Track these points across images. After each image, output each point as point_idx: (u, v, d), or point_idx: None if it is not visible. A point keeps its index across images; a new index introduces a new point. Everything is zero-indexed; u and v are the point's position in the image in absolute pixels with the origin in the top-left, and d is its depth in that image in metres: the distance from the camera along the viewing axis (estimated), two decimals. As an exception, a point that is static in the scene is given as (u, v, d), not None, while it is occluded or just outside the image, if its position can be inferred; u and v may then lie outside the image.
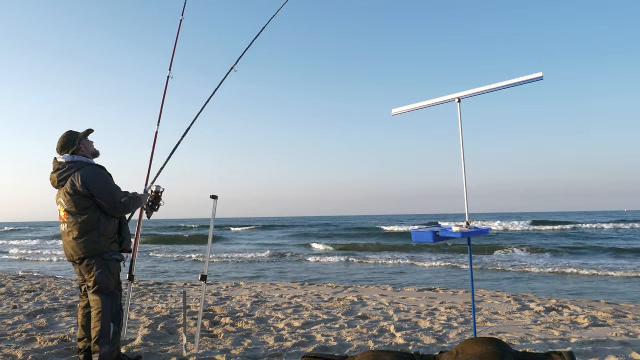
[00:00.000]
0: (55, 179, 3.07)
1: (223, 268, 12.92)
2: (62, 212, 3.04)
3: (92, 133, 3.23)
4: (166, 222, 78.20)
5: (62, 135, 3.13)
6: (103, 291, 3.01)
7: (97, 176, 3.03)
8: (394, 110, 3.89)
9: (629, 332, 4.24)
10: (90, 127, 3.22)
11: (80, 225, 2.98)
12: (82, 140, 3.15)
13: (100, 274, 3.00)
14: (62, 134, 3.13)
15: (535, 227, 31.33)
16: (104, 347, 2.93)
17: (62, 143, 3.10)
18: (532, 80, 3.23)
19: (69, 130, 3.16)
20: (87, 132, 3.20)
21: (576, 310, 5.43)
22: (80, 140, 3.13)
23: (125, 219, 3.33)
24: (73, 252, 3.02)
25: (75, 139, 3.11)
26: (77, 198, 2.97)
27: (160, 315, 5.05)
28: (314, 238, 27.30)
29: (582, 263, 11.94)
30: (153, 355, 3.47)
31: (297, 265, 13.36)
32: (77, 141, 3.11)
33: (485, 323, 4.75)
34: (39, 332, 4.29)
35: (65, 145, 3.10)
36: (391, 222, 47.14)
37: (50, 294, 6.90)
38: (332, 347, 3.71)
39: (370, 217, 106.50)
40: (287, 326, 4.57)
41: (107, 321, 2.97)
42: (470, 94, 3.49)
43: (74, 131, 3.16)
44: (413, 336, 4.12)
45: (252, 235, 33.18)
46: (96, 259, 3.01)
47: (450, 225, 3.24)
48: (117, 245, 3.15)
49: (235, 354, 3.48)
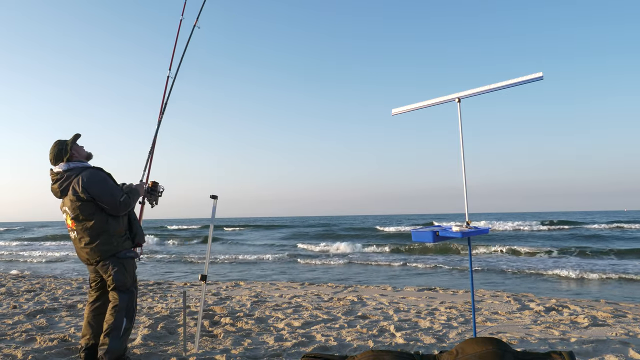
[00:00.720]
0: (57, 189, 3.08)
1: (223, 268, 12.91)
2: (69, 220, 3.07)
3: (80, 138, 3.23)
4: (166, 222, 78.21)
5: (52, 146, 3.12)
6: (120, 289, 3.07)
7: (97, 180, 3.03)
8: (394, 110, 3.89)
9: (629, 332, 4.24)
10: (78, 133, 3.22)
11: (90, 231, 3.01)
12: (73, 146, 3.14)
13: (117, 273, 3.06)
14: (51, 146, 3.12)
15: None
16: (114, 340, 2.97)
17: (55, 153, 3.10)
18: (532, 80, 3.23)
19: (57, 140, 3.15)
20: (76, 137, 3.20)
21: (576, 310, 5.43)
22: (71, 146, 3.12)
23: (134, 214, 3.35)
24: (89, 257, 3.07)
25: (67, 147, 3.10)
26: (81, 205, 3.00)
27: (160, 315, 5.05)
28: (313, 238, 27.31)
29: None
30: (153, 355, 3.47)
31: (296, 265, 13.36)
32: (69, 148, 3.10)
33: (485, 323, 4.75)
34: (39, 332, 4.29)
35: (57, 155, 3.09)
36: (390, 223, 47.17)
37: (50, 294, 6.90)
38: (332, 347, 3.71)
39: (371, 217, 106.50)
40: (287, 326, 4.57)
41: (121, 316, 3.02)
42: (470, 94, 3.49)
43: (63, 140, 3.15)
44: (413, 336, 4.12)
45: (252, 235, 33.17)
46: (111, 259, 3.06)
47: (450, 225, 3.24)
48: (130, 242, 3.19)
49: (235, 354, 3.48)
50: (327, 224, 50.32)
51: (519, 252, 15.67)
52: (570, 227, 30.74)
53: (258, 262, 14.43)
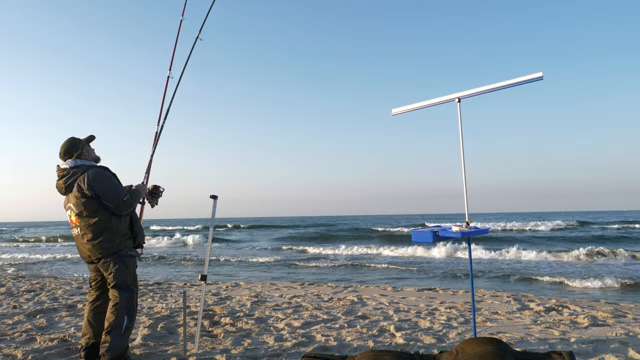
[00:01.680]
0: (62, 185, 3.12)
1: (223, 268, 12.91)
2: (74, 216, 3.10)
3: (93, 140, 3.31)
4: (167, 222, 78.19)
5: (65, 141, 3.20)
6: (121, 286, 3.09)
7: (102, 178, 3.09)
8: (394, 110, 3.89)
9: (629, 332, 4.24)
10: (93, 134, 3.29)
11: (94, 227, 3.05)
12: (85, 146, 3.22)
13: (118, 270, 3.08)
14: (64, 140, 3.20)
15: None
16: (115, 338, 2.99)
17: (66, 148, 3.17)
18: (532, 80, 3.23)
19: (71, 136, 3.23)
20: (90, 138, 3.28)
21: (576, 310, 5.43)
22: (83, 145, 3.20)
23: (136, 215, 3.40)
24: (90, 254, 3.10)
25: (79, 144, 3.18)
26: (86, 201, 3.04)
27: (160, 315, 5.06)
28: (313, 239, 27.30)
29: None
30: (153, 355, 3.47)
31: (296, 265, 13.35)
32: (81, 146, 3.18)
33: (485, 323, 4.75)
34: (39, 332, 4.29)
35: (68, 150, 3.16)
36: (390, 223, 47.11)
37: (50, 294, 6.90)
38: (332, 347, 3.71)
39: (371, 217, 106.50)
40: (287, 326, 4.57)
41: (122, 314, 3.04)
42: (470, 94, 3.49)
43: (77, 137, 3.23)
44: (413, 336, 4.12)
45: (252, 235, 33.18)
46: (113, 257, 3.09)
47: (450, 225, 3.24)
48: (131, 241, 3.23)
49: (235, 354, 3.48)
50: (327, 224, 50.33)
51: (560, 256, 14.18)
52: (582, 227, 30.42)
53: (258, 262, 14.43)
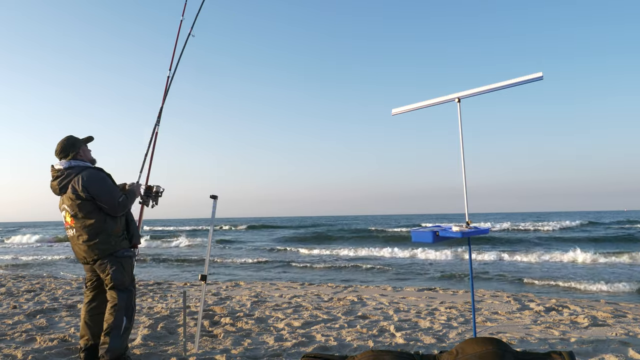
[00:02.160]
0: (56, 186, 3.09)
1: (223, 268, 12.91)
2: (69, 217, 3.08)
3: (91, 141, 3.27)
4: (166, 222, 78.22)
5: (62, 139, 3.15)
6: (119, 287, 3.08)
7: (96, 179, 3.05)
8: (394, 110, 3.89)
9: (629, 332, 4.24)
10: (92, 135, 3.26)
11: (89, 229, 3.02)
12: (82, 147, 3.18)
13: (115, 272, 3.07)
14: (61, 139, 3.16)
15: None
16: (114, 339, 2.98)
17: (62, 146, 3.12)
18: (532, 80, 3.23)
19: (69, 135, 3.18)
20: (88, 139, 3.25)
21: (576, 310, 5.43)
22: (80, 146, 3.16)
23: (131, 216, 3.37)
24: (86, 255, 3.07)
25: (76, 144, 3.14)
26: (80, 203, 3.01)
27: (160, 315, 5.05)
28: (313, 239, 27.30)
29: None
30: (153, 355, 3.47)
31: (296, 265, 13.35)
32: (78, 146, 3.14)
33: (485, 323, 4.75)
34: (39, 332, 4.29)
35: (64, 149, 3.12)
36: (390, 223, 47.11)
37: (50, 294, 6.90)
38: (332, 347, 3.71)
39: (371, 217, 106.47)
40: (287, 326, 4.57)
41: (120, 315, 3.03)
42: (470, 94, 3.49)
43: (74, 136, 3.19)
44: (413, 336, 4.12)
45: (252, 235, 33.17)
46: (109, 258, 3.07)
47: (450, 225, 3.24)
48: (127, 242, 3.21)
49: (235, 354, 3.48)
50: (327, 224, 50.32)
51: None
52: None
53: (258, 262, 14.43)
